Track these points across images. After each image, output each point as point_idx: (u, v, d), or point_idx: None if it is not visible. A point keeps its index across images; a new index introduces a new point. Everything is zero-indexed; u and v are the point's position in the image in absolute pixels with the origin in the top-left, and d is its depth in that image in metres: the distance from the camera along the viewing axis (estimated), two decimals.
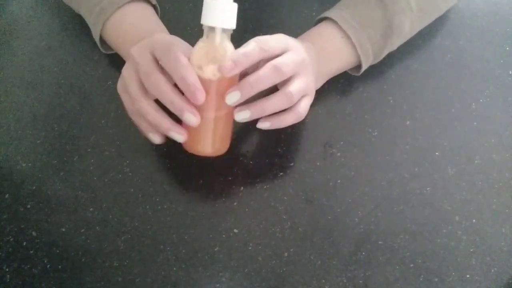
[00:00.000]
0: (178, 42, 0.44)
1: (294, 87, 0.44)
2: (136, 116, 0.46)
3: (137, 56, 0.44)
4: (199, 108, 0.43)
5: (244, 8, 0.62)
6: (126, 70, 0.46)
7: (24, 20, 0.63)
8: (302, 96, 0.47)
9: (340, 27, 0.51)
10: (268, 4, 0.62)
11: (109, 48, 0.57)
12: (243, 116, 0.44)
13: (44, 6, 0.64)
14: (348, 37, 0.51)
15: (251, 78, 0.43)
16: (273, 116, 0.45)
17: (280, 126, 0.46)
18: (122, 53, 0.54)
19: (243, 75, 0.44)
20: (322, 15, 0.54)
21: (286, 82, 0.45)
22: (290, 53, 0.45)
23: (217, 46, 0.42)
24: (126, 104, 0.47)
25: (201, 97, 0.41)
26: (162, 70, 0.43)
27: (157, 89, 0.42)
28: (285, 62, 0.43)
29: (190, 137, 0.45)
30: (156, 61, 0.44)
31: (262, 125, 0.46)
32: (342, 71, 0.55)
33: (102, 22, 0.52)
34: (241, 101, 0.43)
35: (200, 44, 0.43)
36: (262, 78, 0.43)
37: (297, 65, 0.45)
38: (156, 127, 0.45)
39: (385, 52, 0.54)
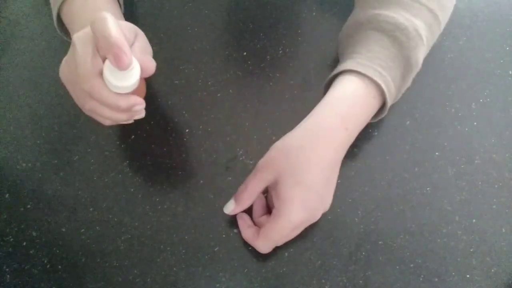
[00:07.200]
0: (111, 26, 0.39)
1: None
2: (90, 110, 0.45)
3: (79, 50, 0.40)
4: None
5: (244, 7, 0.62)
6: (66, 63, 0.43)
7: (24, 20, 0.63)
8: None
9: (366, 86, 0.46)
10: (268, 4, 0.62)
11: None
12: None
13: (44, 6, 0.64)
14: (377, 88, 0.46)
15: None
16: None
17: None
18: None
19: None
20: (338, 70, 0.47)
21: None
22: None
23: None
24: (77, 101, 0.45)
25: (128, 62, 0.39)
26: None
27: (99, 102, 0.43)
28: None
29: None
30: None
31: None
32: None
33: (59, 3, 0.48)
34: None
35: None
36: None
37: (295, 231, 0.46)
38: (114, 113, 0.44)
39: (403, 92, 0.49)
